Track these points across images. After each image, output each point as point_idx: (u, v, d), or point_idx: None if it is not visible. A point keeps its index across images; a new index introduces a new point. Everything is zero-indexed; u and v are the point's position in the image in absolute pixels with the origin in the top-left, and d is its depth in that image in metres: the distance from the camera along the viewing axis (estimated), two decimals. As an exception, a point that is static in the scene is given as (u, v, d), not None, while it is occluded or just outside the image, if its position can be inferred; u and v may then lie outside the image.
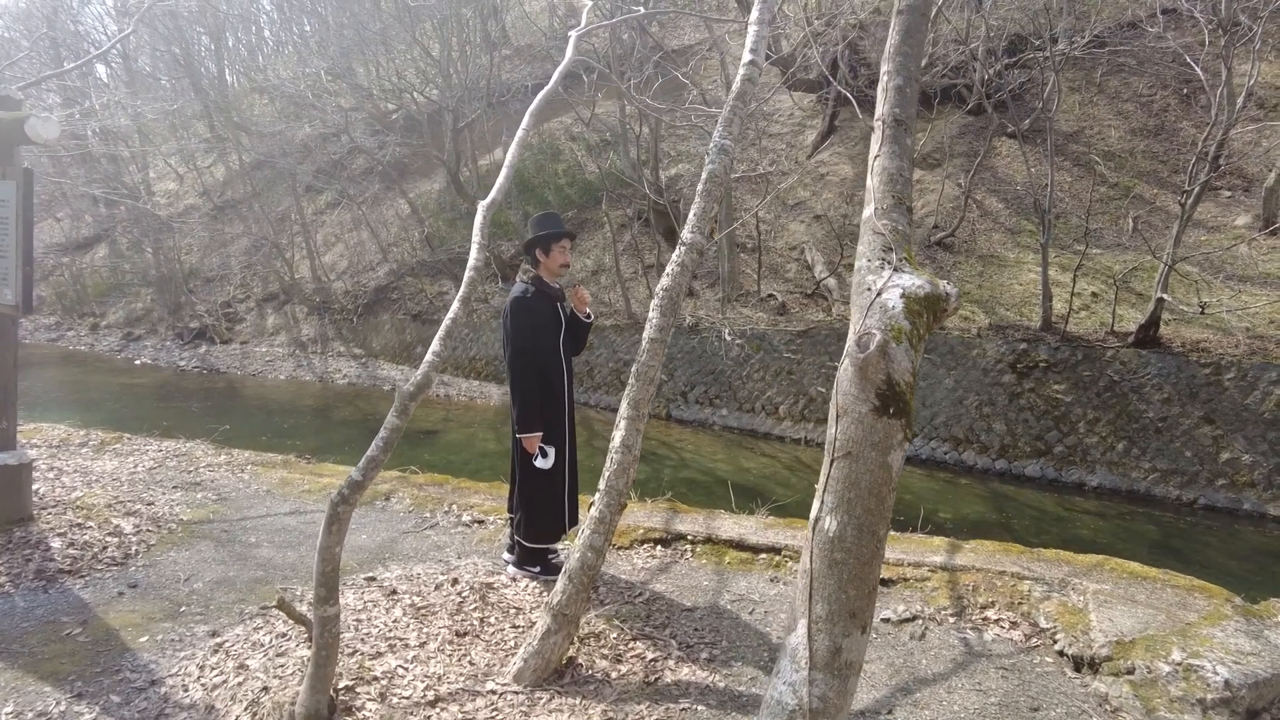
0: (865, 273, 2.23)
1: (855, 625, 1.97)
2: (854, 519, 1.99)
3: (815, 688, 1.90)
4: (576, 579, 3.16)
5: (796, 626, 1.98)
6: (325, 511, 2.87)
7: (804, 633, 1.95)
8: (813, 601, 1.96)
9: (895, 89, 2.51)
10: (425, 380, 3.05)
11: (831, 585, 1.97)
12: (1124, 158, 15.59)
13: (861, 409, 2.00)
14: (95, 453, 6.67)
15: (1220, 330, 11.98)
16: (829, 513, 2.00)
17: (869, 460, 1.99)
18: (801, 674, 1.92)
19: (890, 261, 2.21)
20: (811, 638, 1.94)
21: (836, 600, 1.95)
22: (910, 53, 2.55)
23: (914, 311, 2.06)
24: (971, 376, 13.34)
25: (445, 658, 3.25)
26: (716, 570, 4.24)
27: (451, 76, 19.53)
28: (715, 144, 3.67)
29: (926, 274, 2.20)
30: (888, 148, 2.46)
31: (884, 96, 2.55)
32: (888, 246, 2.26)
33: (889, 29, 2.64)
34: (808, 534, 2.04)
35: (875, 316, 2.07)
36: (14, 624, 3.76)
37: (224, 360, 20.64)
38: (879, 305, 2.08)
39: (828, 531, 2.00)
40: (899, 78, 2.52)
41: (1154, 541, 10.03)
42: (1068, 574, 3.90)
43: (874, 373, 2.00)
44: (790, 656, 1.96)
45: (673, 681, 3.10)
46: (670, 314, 3.45)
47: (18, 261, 4.49)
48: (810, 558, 2.01)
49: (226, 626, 3.71)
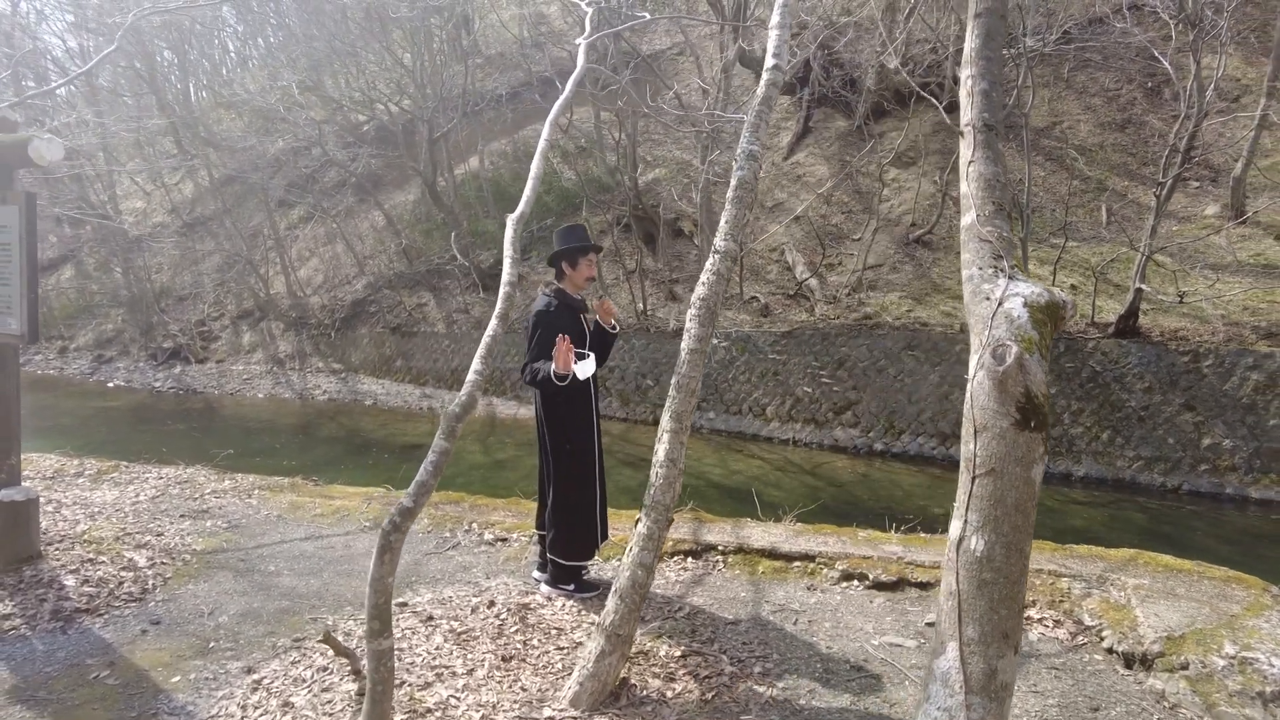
0: (979, 281, 2.21)
1: (1008, 646, 1.94)
2: (1001, 537, 1.95)
3: (973, 712, 1.87)
4: (628, 598, 3.14)
5: (945, 650, 1.96)
6: (377, 540, 2.82)
7: (955, 656, 1.92)
8: (962, 624, 1.93)
9: (981, 93, 2.51)
10: (470, 400, 3.01)
11: (982, 606, 1.93)
12: (1095, 151, 15.88)
13: (1002, 424, 1.98)
14: (93, 483, 6.51)
15: (1197, 318, 12.24)
16: (975, 532, 1.97)
17: (1013, 476, 1.95)
18: (957, 699, 1.89)
19: (1003, 269, 2.21)
20: (965, 661, 1.91)
21: (988, 621, 1.92)
22: (992, 56, 2.55)
23: (1039, 320, 2.05)
24: (956, 371, 13.47)
25: (496, 684, 3.21)
26: (751, 580, 4.23)
27: (425, 87, 19.39)
28: (743, 150, 3.68)
29: (1041, 282, 2.19)
30: (981, 153, 2.45)
31: (969, 101, 2.54)
32: (997, 254, 2.26)
33: (967, 34, 2.63)
34: (949, 555, 2.01)
35: (1002, 327, 2.06)
36: (37, 669, 3.63)
37: (200, 380, 20.29)
38: (1003, 315, 2.07)
39: (974, 551, 1.96)
40: (983, 82, 2.52)
41: (1143, 529, 10.19)
42: (1104, 570, 3.95)
43: (1013, 385, 1.99)
44: (942, 681, 1.94)
45: (731, 698, 3.08)
46: (709, 323, 3.45)
47: (22, 289, 4.37)
48: (956, 579, 1.97)
49: (261, 662, 3.62)
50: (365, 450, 15.17)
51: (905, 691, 3.15)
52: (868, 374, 14.19)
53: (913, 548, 4.33)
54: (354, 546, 5.06)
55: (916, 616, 3.78)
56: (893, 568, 4.09)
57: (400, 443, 15.56)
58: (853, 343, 14.57)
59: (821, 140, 19.00)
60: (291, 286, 21.82)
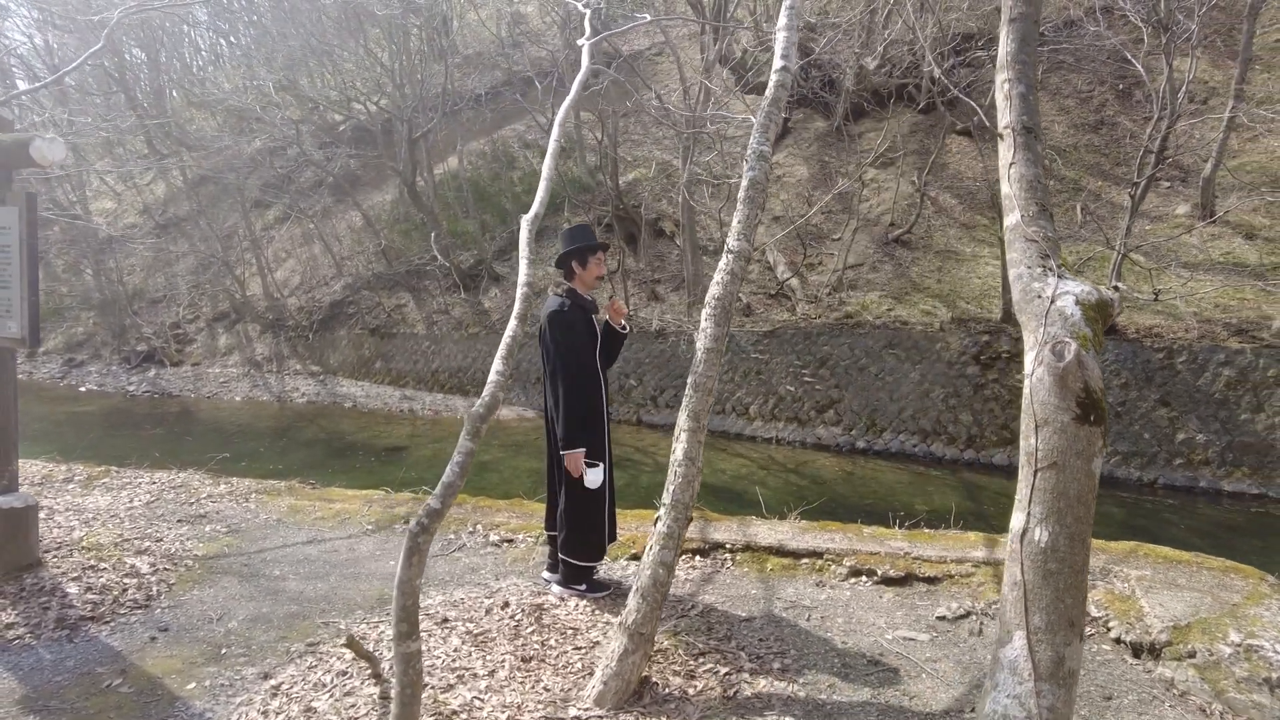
0: (1029, 280, 2.27)
1: (1074, 634, 2.00)
2: (1065, 528, 2.02)
3: (1043, 699, 1.93)
4: (650, 596, 3.17)
5: (1012, 639, 2.01)
6: (404, 543, 2.83)
7: (1023, 645, 1.98)
8: (1029, 613, 1.99)
9: (1019, 96, 2.57)
10: (494, 401, 3.03)
11: (1048, 596, 2.00)
12: (1069, 152, 16.15)
13: (1063, 418, 2.04)
14: (84, 488, 6.42)
15: (1171, 316, 12.50)
16: (1038, 524, 2.03)
17: (1075, 469, 2.03)
18: (1026, 686, 1.95)
19: (1051, 269, 2.28)
20: (1033, 649, 1.97)
21: (1054, 610, 1.98)
22: (1027, 60, 2.62)
23: (1090, 318, 2.12)
24: (936, 369, 13.66)
25: (518, 685, 3.22)
26: (760, 578, 4.29)
27: (404, 86, 19.27)
28: (753, 150, 3.72)
29: (1088, 280, 2.26)
30: (1021, 154, 2.51)
31: (1007, 104, 2.59)
32: (1044, 254, 2.32)
33: (1001, 38, 2.68)
34: (1012, 546, 2.07)
35: (1057, 325, 2.12)
36: (46, 678, 3.59)
37: (176, 383, 20.00)
38: (1057, 313, 2.13)
39: (1039, 543, 2.03)
40: (1021, 85, 2.58)
41: (1121, 522, 10.39)
42: (1106, 562, 4.05)
43: (1073, 381, 2.06)
44: (1010, 669, 1.99)
45: (752, 695, 3.13)
46: (724, 323, 3.49)
47: (23, 292, 4.31)
48: (1020, 570, 2.03)
49: (277, 667, 3.60)
50: (347, 453, 15.05)
51: (922, 684, 3.22)
52: (849, 373, 14.33)
53: (918, 543, 4.41)
54: (358, 550, 5.04)
55: (926, 611, 3.86)
56: (900, 563, 4.17)
57: (382, 445, 15.46)
58: (834, 341, 14.70)
59: (801, 141, 19.15)
60: (268, 288, 21.58)
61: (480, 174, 22.02)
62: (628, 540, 4.76)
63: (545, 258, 19.52)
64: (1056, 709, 1.94)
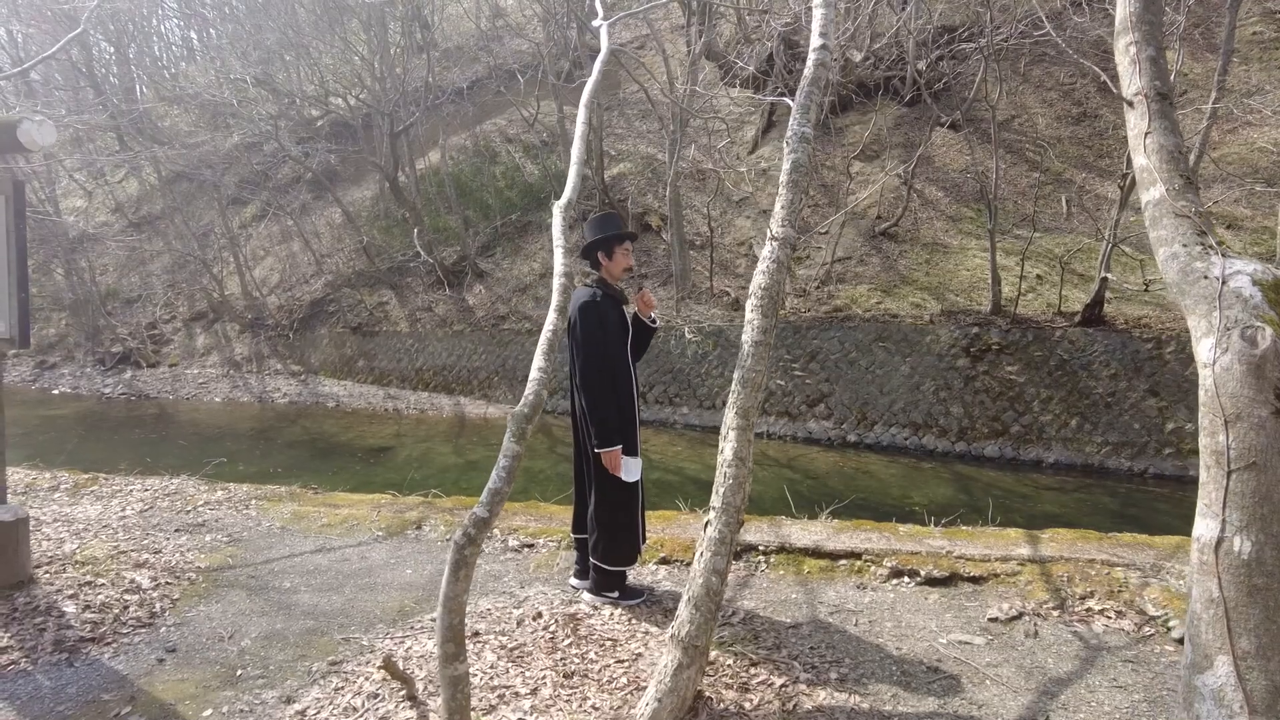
0: (1188, 259, 2.08)
1: None
2: (1272, 538, 1.78)
3: None
4: (703, 606, 3.05)
5: (1214, 665, 1.81)
6: (450, 555, 2.70)
7: (1229, 672, 1.78)
8: (1234, 636, 1.77)
9: (1148, 60, 2.38)
10: (538, 400, 2.90)
11: (1256, 616, 1.78)
12: (1053, 144, 16.23)
13: (1260, 412, 1.80)
14: (71, 497, 6.18)
15: (1159, 306, 12.61)
16: (1238, 532, 1.80)
17: (1278, 470, 1.78)
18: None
19: (1211, 245, 2.10)
20: (1242, 677, 1.76)
21: (1266, 632, 1.76)
22: (1154, 20, 2.42)
23: (1272, 300, 1.90)
24: (927, 362, 13.67)
25: (564, 704, 3.09)
26: (799, 581, 4.18)
27: (386, 80, 18.95)
28: (794, 132, 3.61)
29: (1256, 259, 2.07)
30: (1158, 123, 2.31)
31: (1135, 68, 2.39)
32: (1199, 230, 2.14)
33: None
34: (1205, 559, 1.85)
35: (1236, 308, 1.92)
36: (47, 707, 3.35)
37: (153, 385, 19.56)
38: (1233, 295, 1.93)
39: (1240, 554, 1.80)
40: (1150, 47, 2.39)
41: (1114, 512, 10.46)
42: (1155, 558, 4.00)
43: (1271, 370, 1.82)
44: (1215, 700, 1.80)
45: (813, 708, 3.01)
46: (771, 314, 3.36)
47: (11, 288, 4.07)
48: (1218, 584, 1.82)
49: (299, 690, 3.40)
50: (332, 454, 14.80)
51: (988, 691, 3.13)
52: (839, 366, 14.32)
53: (959, 541, 4.34)
54: (370, 558, 4.87)
55: (976, 612, 3.77)
56: (943, 562, 4.09)
57: (367, 445, 15.22)
58: (824, 335, 14.68)
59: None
60: (246, 287, 21.18)
61: (462, 169, 21.75)
62: (655, 543, 4.64)
63: (530, 253, 19.34)
64: None
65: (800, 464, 12.95)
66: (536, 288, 18.33)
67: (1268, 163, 14.37)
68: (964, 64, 16.85)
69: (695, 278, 16.68)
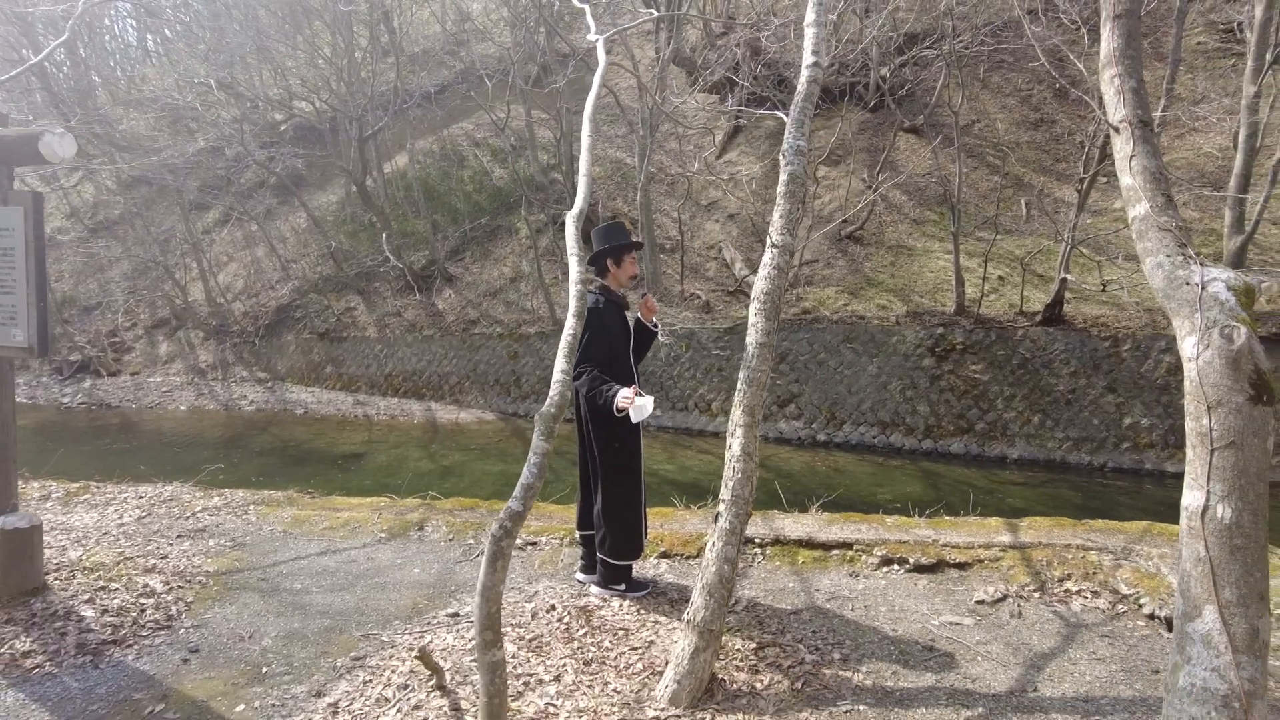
0: (1172, 268, 2.38)
1: (1264, 606, 2.13)
2: (1248, 505, 2.12)
3: (1243, 670, 2.05)
4: (716, 593, 3.23)
5: (1202, 614, 2.12)
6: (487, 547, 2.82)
7: (1215, 619, 2.10)
8: (1219, 588, 2.10)
9: (1131, 90, 2.67)
10: (563, 400, 3.05)
11: (1237, 571, 2.11)
12: (1013, 148, 16.73)
13: (1237, 399, 2.14)
14: (64, 506, 6.15)
15: (1116, 306, 13.09)
16: (1220, 501, 2.14)
17: (1253, 448, 2.12)
18: (1224, 659, 2.07)
19: (1191, 256, 2.39)
20: (1226, 623, 2.08)
21: (1245, 584, 2.10)
22: (1134, 55, 2.72)
23: (1243, 303, 2.23)
24: (893, 362, 14.01)
25: (587, 689, 3.24)
26: (794, 571, 4.38)
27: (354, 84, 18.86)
28: (790, 146, 3.79)
29: (1227, 267, 2.38)
30: (1141, 147, 2.61)
31: (1119, 99, 2.68)
32: (1180, 242, 2.44)
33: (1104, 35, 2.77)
34: (1193, 524, 2.17)
35: (1215, 310, 2.23)
36: (80, 707, 3.41)
37: (115, 394, 19.21)
38: (1212, 299, 2.24)
39: (1223, 520, 2.13)
40: (1132, 80, 2.68)
41: (1076, 505, 10.83)
42: (1125, 542, 4.27)
43: (1245, 364, 2.15)
44: (1204, 643, 2.10)
45: (820, 686, 3.20)
46: (773, 317, 3.56)
47: (30, 297, 4.11)
48: (1204, 546, 2.14)
49: (328, 684, 3.50)
50: (304, 461, 14.70)
51: (980, 666, 3.35)
52: (809, 367, 14.60)
53: (943, 530, 4.57)
54: (377, 559, 4.96)
55: (963, 596, 4.01)
56: (930, 550, 4.32)
57: (339, 452, 15.14)
58: (793, 337, 14.96)
59: (753, 139, 19.40)
60: (210, 293, 20.89)
61: (430, 173, 21.71)
62: (655, 538, 4.80)
63: (499, 257, 19.38)
64: (1256, 680, 2.05)
65: (773, 463, 13.18)
66: (507, 292, 18.38)
67: (1214, 167, 15.00)
68: (926, 70, 17.29)
69: (666, 281, 16.88)
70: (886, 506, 10.63)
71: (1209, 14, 17.49)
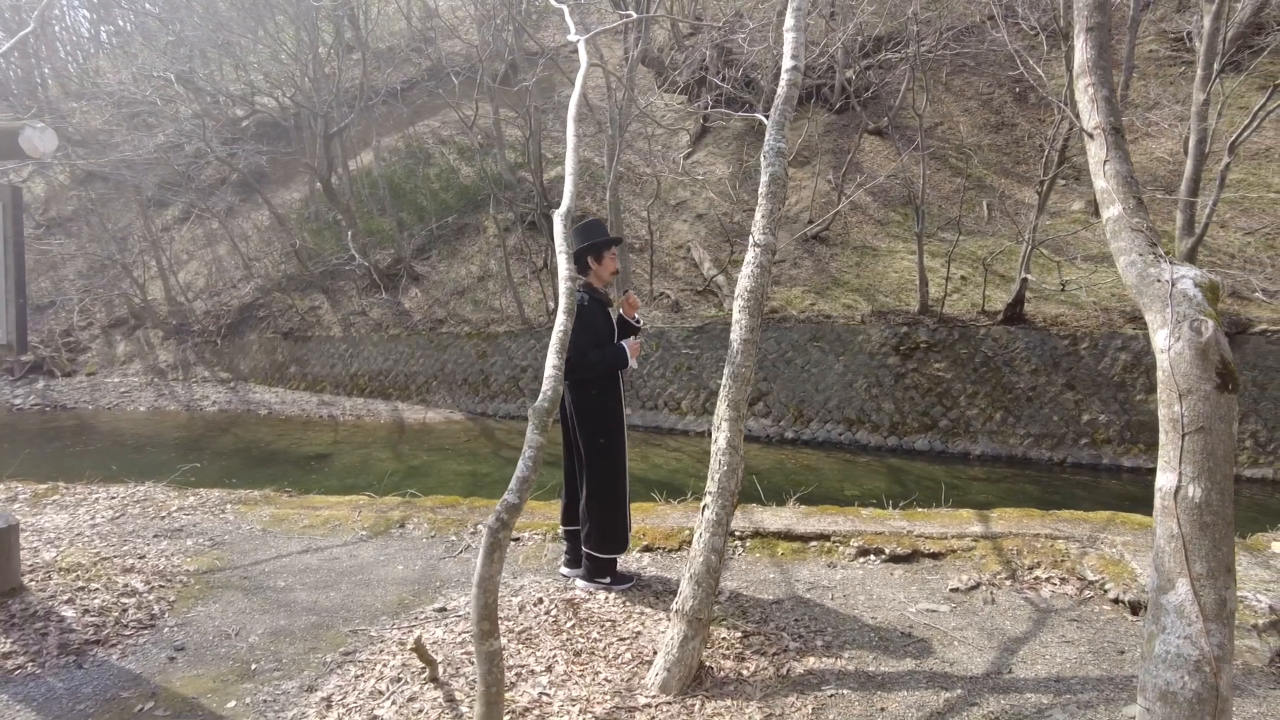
0: (1144, 265, 2.54)
1: (1231, 578, 2.29)
2: (1215, 484, 2.28)
3: (1213, 637, 2.21)
4: (704, 582, 3.31)
5: (1175, 586, 2.28)
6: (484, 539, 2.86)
7: (1187, 590, 2.26)
8: (1190, 562, 2.27)
9: (1104, 99, 2.83)
10: (555, 395, 3.10)
11: (1206, 545, 2.27)
12: (975, 151, 17.09)
13: (1205, 387, 2.30)
14: (33, 507, 6.04)
15: (1074, 305, 13.45)
16: (1191, 481, 2.30)
17: (1220, 432, 2.29)
18: (1195, 626, 2.23)
19: (1160, 255, 2.54)
20: (1197, 594, 2.25)
21: (1214, 558, 2.25)
22: (1106, 65, 2.89)
23: (1209, 298, 2.40)
24: (859, 361, 14.24)
25: (579, 679, 3.30)
26: (774, 562, 4.48)
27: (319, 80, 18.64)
28: (770, 147, 3.89)
29: (1195, 266, 2.55)
30: (1114, 153, 2.76)
31: (1093, 107, 2.84)
32: (1151, 242, 2.59)
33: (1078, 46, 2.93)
34: (1166, 504, 2.33)
35: (1183, 305, 2.39)
36: (66, 707, 3.38)
37: (70, 395, 18.76)
38: (1180, 295, 2.40)
39: (1193, 499, 2.29)
40: (1104, 89, 2.84)
41: (1037, 499, 11.12)
42: (1091, 530, 4.45)
43: (1213, 354, 2.31)
44: (1177, 613, 2.27)
45: (805, 672, 3.31)
46: (756, 314, 3.65)
47: (9, 293, 4.05)
48: (1177, 524, 2.31)
49: (318, 680, 3.51)
50: (268, 462, 14.51)
51: (957, 651, 3.48)
52: (776, 366, 14.77)
53: (917, 522, 4.72)
54: (360, 556, 4.96)
55: (938, 584, 4.14)
56: (905, 541, 4.45)
57: (304, 453, 14.97)
58: (761, 336, 15.12)
59: (720, 140, 19.56)
60: (170, 291, 20.49)
61: (395, 170, 21.54)
62: (637, 533, 4.87)
63: (467, 256, 19.30)
64: (1225, 646, 2.21)
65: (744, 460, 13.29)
66: (475, 291, 18.31)
67: (1165, 171, 15.47)
68: (890, 73, 17.58)
69: (635, 280, 16.95)
70: (856, 502, 10.85)
71: (1160, 23, 18.02)
